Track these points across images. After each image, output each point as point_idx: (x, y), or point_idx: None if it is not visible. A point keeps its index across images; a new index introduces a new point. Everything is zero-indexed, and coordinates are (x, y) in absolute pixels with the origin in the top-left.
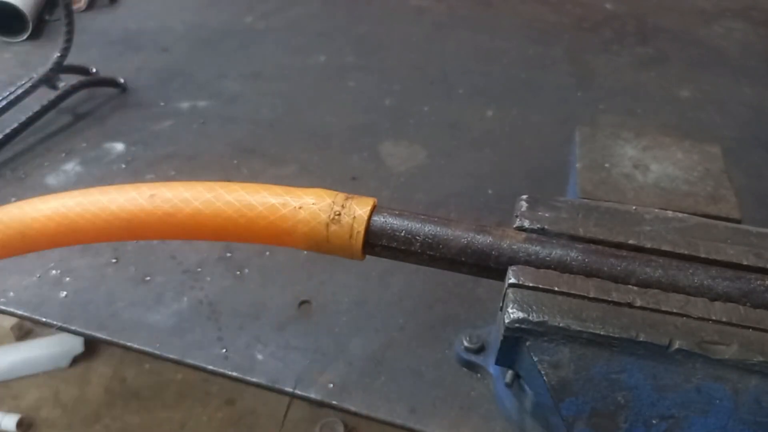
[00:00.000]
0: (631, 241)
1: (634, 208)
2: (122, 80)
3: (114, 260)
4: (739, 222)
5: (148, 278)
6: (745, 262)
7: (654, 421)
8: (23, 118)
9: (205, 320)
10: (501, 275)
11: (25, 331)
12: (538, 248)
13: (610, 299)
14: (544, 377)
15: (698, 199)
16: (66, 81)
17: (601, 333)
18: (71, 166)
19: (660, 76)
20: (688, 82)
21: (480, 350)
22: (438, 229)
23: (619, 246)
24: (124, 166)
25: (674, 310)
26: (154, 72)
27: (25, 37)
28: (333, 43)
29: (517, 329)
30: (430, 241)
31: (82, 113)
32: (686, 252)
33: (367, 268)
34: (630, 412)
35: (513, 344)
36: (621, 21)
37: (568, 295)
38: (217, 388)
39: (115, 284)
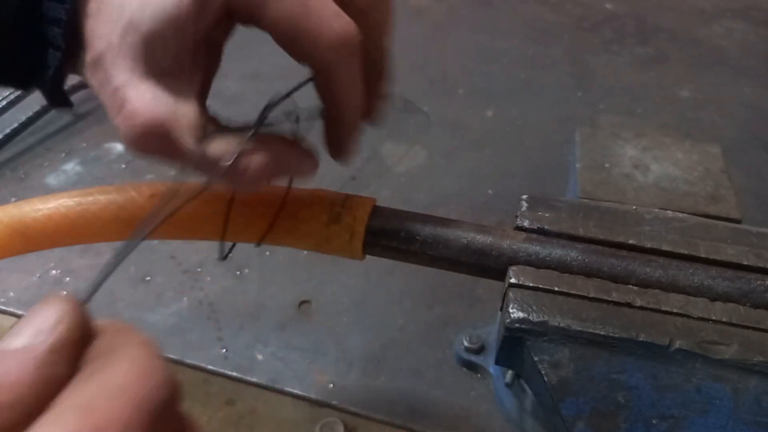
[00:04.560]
0: (631, 241)
1: (634, 208)
2: None
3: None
4: (739, 222)
5: (148, 278)
6: (745, 262)
7: (654, 421)
8: (23, 118)
9: (205, 320)
10: (501, 275)
11: None
12: (538, 248)
13: (610, 299)
14: (544, 377)
15: (698, 199)
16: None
17: (601, 333)
18: (71, 166)
19: (660, 76)
20: (688, 82)
21: (480, 350)
22: (438, 229)
23: (619, 246)
24: (124, 166)
25: (674, 310)
26: None
27: None
28: None
29: (517, 329)
30: (430, 241)
31: (82, 113)
32: (686, 252)
33: (367, 268)
34: (630, 412)
35: (513, 344)
36: (621, 21)
37: (568, 295)
38: (217, 388)
39: (115, 284)
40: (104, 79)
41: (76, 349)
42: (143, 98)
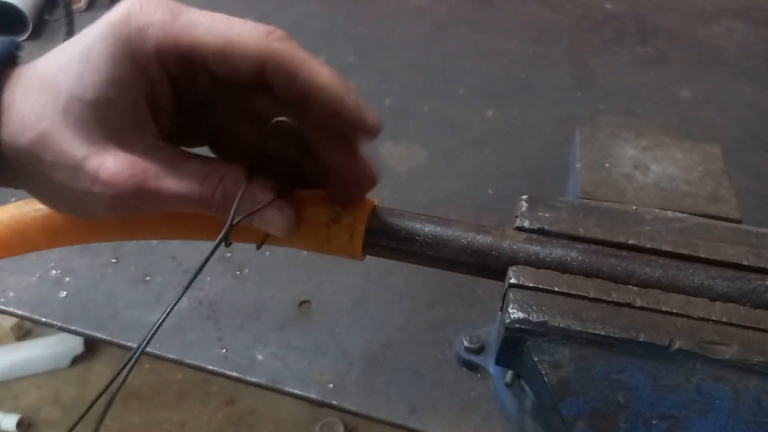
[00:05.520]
0: (631, 241)
1: (634, 208)
2: None
3: (114, 260)
4: (739, 222)
5: (148, 278)
6: (745, 262)
7: (654, 422)
8: None
9: (205, 320)
10: (501, 275)
11: (25, 331)
12: (538, 248)
13: (610, 299)
14: (544, 377)
15: (698, 199)
16: None
17: (601, 333)
18: None
19: (660, 76)
20: (688, 82)
21: (480, 350)
22: (438, 229)
23: (619, 246)
24: None
25: (674, 310)
26: None
27: (25, 37)
28: (333, 43)
29: (517, 329)
30: (430, 241)
31: None
32: (686, 252)
33: (367, 268)
34: (630, 412)
35: (513, 344)
36: (621, 21)
37: (568, 295)
38: (217, 388)
39: (115, 284)
40: (56, 157)
41: None
42: (114, 163)
